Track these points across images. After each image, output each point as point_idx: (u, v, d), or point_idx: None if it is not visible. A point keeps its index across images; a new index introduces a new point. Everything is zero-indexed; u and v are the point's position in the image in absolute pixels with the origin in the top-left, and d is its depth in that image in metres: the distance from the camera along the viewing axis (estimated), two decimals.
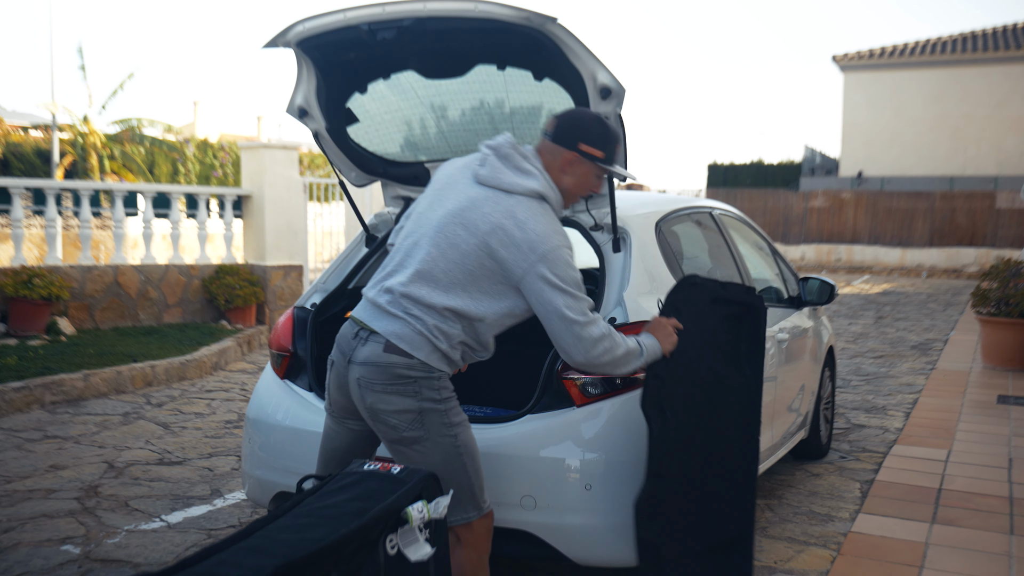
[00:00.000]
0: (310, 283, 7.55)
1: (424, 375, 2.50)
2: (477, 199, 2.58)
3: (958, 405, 6.99)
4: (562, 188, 2.67)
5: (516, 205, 2.54)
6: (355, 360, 2.55)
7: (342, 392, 2.63)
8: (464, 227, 2.54)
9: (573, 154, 2.64)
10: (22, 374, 6.59)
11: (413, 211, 2.77)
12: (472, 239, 2.52)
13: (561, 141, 2.65)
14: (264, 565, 1.73)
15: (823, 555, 3.88)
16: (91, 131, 22.20)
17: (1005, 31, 29.48)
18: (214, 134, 27.96)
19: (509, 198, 2.56)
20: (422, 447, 2.50)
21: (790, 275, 5.19)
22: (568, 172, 2.66)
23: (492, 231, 2.51)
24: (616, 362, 2.59)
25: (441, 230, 2.57)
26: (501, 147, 2.65)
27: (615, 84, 2.87)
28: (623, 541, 2.92)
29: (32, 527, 4.04)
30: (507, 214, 2.52)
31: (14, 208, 8.75)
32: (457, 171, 2.73)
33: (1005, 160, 27.84)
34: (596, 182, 2.73)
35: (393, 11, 2.85)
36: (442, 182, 2.73)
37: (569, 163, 2.65)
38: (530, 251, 2.48)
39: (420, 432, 2.50)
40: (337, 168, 3.56)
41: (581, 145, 2.63)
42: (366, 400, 2.52)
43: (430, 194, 2.74)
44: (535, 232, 2.50)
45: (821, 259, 27.81)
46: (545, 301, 2.50)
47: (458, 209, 2.58)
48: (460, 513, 2.54)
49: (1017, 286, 8.52)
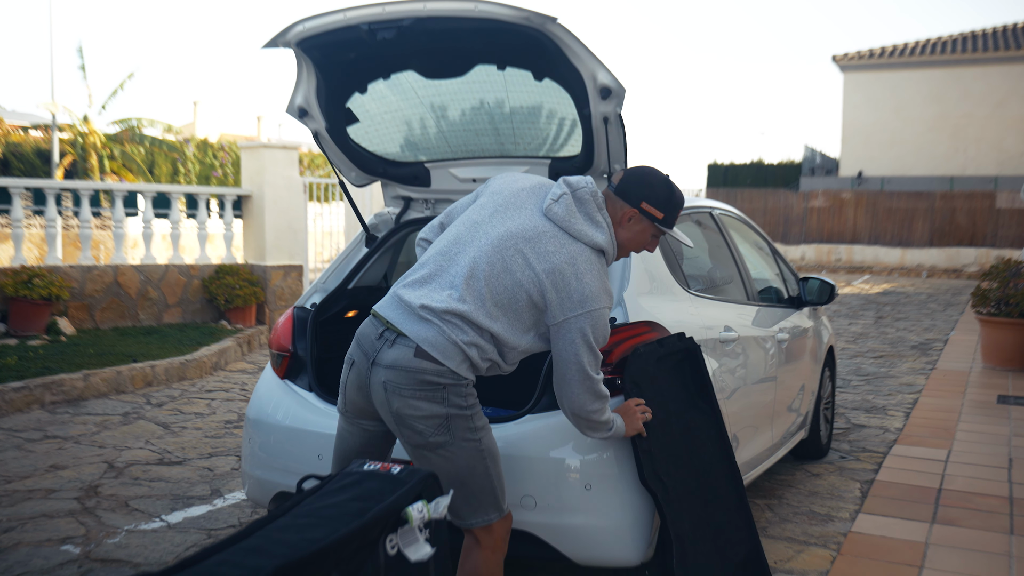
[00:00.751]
0: (310, 283, 7.56)
1: (453, 382, 2.46)
2: (543, 233, 2.54)
3: (958, 405, 6.99)
4: (618, 241, 2.66)
5: (579, 254, 2.52)
6: (380, 362, 2.48)
7: (361, 393, 2.58)
8: (524, 256, 2.51)
9: (634, 211, 2.62)
10: (22, 374, 6.59)
11: (460, 212, 2.72)
12: (529, 271, 2.50)
13: (625, 196, 2.63)
14: (264, 565, 1.73)
15: (823, 555, 3.88)
16: (91, 131, 22.21)
17: (1005, 31, 29.48)
18: (214, 134, 27.98)
19: (575, 244, 2.54)
20: (447, 452, 2.48)
21: (790, 275, 5.19)
22: (625, 227, 2.65)
23: (551, 272, 2.49)
24: (598, 424, 2.66)
25: (499, 249, 2.52)
26: (581, 191, 2.60)
27: (615, 84, 2.87)
28: (623, 541, 2.93)
29: (32, 527, 4.04)
30: (569, 260, 2.50)
31: (14, 208, 8.75)
32: (524, 192, 2.66)
33: (1005, 160, 27.84)
34: (651, 241, 2.72)
35: (393, 11, 2.85)
36: (505, 197, 2.65)
37: (628, 219, 2.64)
38: (579, 304, 2.48)
39: (446, 437, 2.47)
40: (337, 168, 3.56)
41: (644, 204, 2.62)
42: (392, 405, 2.47)
43: (488, 204, 2.65)
44: (590, 288, 2.49)
45: (821, 259, 27.81)
46: (572, 351, 2.51)
47: (522, 236, 2.54)
48: (482, 516, 2.53)
49: (1017, 286, 8.52)
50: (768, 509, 4.51)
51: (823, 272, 25.97)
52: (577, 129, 3.17)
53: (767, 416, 4.22)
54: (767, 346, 4.25)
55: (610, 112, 2.94)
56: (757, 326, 4.24)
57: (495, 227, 2.56)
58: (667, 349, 3.11)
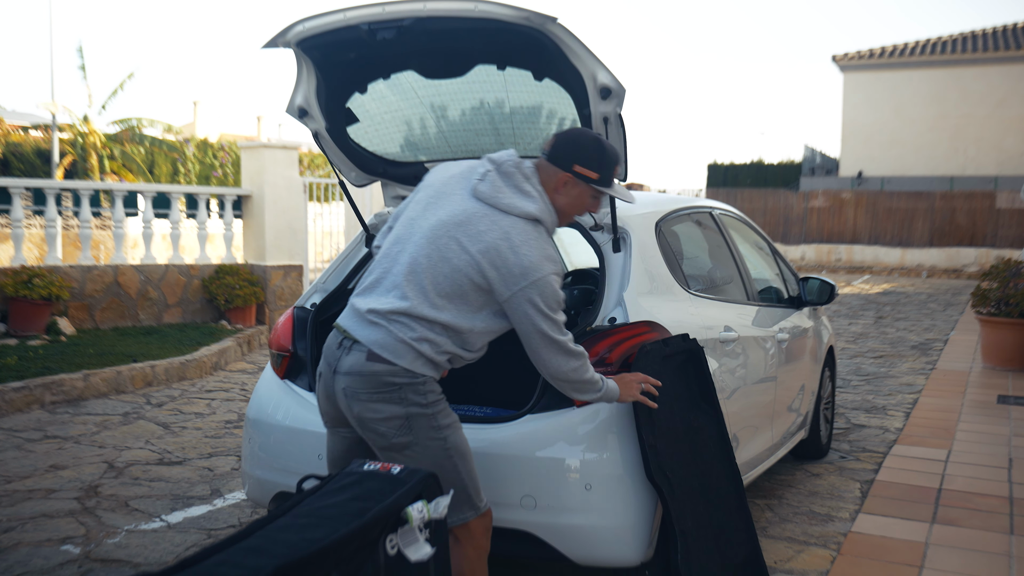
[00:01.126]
0: (310, 283, 7.55)
1: (409, 381, 2.51)
2: (473, 214, 2.56)
3: (958, 405, 6.99)
4: (557, 208, 2.66)
5: (512, 227, 2.53)
6: (340, 370, 2.57)
7: (331, 402, 2.65)
8: (457, 241, 2.54)
9: (567, 175, 2.62)
10: (22, 374, 6.59)
11: (402, 214, 2.75)
12: (465, 255, 2.52)
13: (556, 161, 2.63)
14: (264, 565, 1.73)
15: (823, 555, 3.88)
16: (91, 131, 22.20)
17: (1005, 31, 29.48)
18: (214, 134, 27.95)
19: (506, 218, 2.55)
20: (412, 452, 2.51)
21: (790, 275, 5.19)
22: (562, 192, 2.65)
23: (486, 251, 2.50)
24: (581, 383, 2.64)
25: (433, 240, 2.56)
26: (504, 164, 2.63)
27: (615, 84, 2.87)
28: (623, 541, 2.93)
29: (32, 527, 4.04)
30: (503, 236, 2.51)
31: (14, 208, 8.75)
32: (453, 179, 2.70)
33: (1005, 160, 27.84)
34: (592, 203, 2.71)
35: (393, 11, 2.85)
36: (436, 188, 2.70)
37: (563, 184, 2.63)
38: (521, 277, 2.49)
39: (409, 437, 2.52)
40: (337, 168, 3.56)
41: (576, 167, 2.61)
42: (353, 409, 2.55)
43: (422, 199, 2.71)
44: (528, 258, 2.49)
45: (821, 259, 27.81)
46: (528, 323, 2.53)
47: (453, 221, 2.57)
48: (457, 514, 2.55)
49: (1017, 286, 8.52)
50: (768, 509, 4.51)
51: (823, 272, 25.97)
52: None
53: (767, 416, 4.22)
54: (767, 346, 4.25)
55: (610, 112, 2.94)
56: (757, 326, 4.24)
57: (427, 219, 2.62)
58: (671, 349, 3.11)
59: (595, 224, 3.32)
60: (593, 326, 3.11)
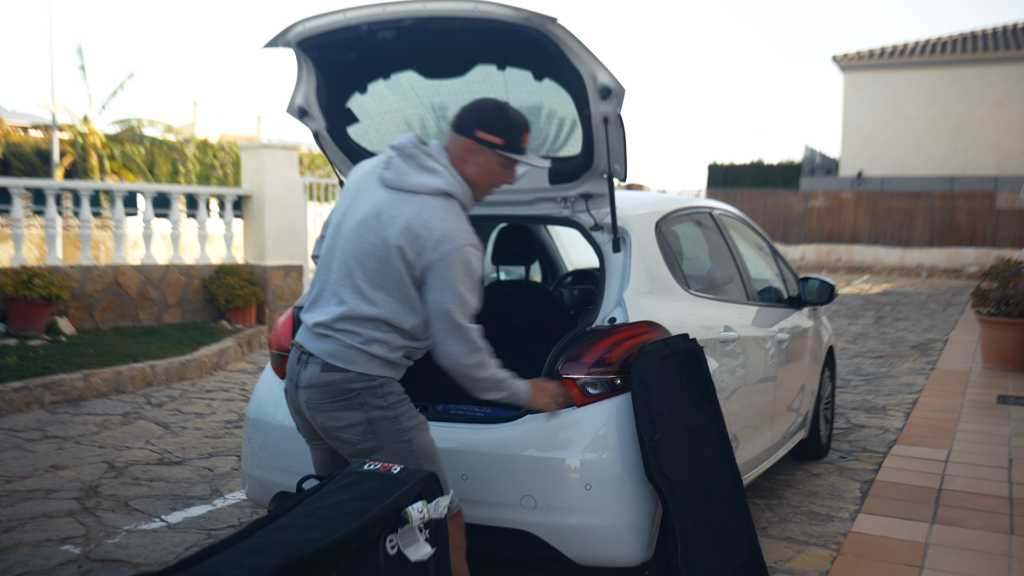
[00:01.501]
0: (310, 283, 7.56)
1: (366, 385, 2.53)
2: (384, 204, 2.57)
3: (958, 405, 6.99)
4: (467, 179, 2.64)
5: (422, 205, 2.53)
6: (300, 384, 2.61)
7: (300, 417, 2.70)
8: (375, 234, 2.54)
9: (471, 142, 2.61)
10: (22, 374, 6.59)
11: (330, 221, 2.76)
12: (385, 244, 2.52)
13: (459, 129, 2.63)
14: (264, 565, 1.73)
15: (823, 555, 3.88)
16: (91, 131, 22.19)
17: (1005, 31, 29.49)
18: (214, 134, 27.96)
19: (415, 199, 2.54)
20: (379, 456, 2.53)
21: (790, 275, 5.19)
22: (469, 161, 2.63)
23: (402, 233, 2.50)
24: (481, 380, 2.58)
25: (355, 241, 2.58)
26: (405, 147, 2.63)
27: (615, 84, 2.87)
28: (623, 541, 2.93)
29: (32, 527, 4.04)
30: (414, 214, 2.51)
31: (14, 208, 8.75)
32: (365, 176, 2.70)
33: (1005, 160, 27.84)
34: (502, 172, 2.67)
35: (393, 11, 2.85)
36: (353, 190, 2.71)
37: (469, 151, 2.62)
38: (435, 247, 2.48)
39: (374, 442, 2.54)
40: (337, 168, 3.56)
41: (478, 132, 2.59)
42: (317, 420, 2.59)
43: (343, 204, 2.72)
44: (440, 230, 2.49)
45: (821, 259, 27.81)
46: (437, 296, 2.49)
47: (367, 217, 2.58)
48: None
49: (1017, 286, 8.52)
50: (768, 509, 4.51)
51: (823, 272, 25.97)
52: (577, 129, 3.17)
53: (767, 416, 4.22)
54: (767, 346, 4.25)
55: (610, 112, 2.94)
56: (757, 326, 4.24)
57: (348, 222, 2.63)
58: (672, 349, 3.11)
59: (595, 224, 3.32)
60: (593, 326, 3.11)
